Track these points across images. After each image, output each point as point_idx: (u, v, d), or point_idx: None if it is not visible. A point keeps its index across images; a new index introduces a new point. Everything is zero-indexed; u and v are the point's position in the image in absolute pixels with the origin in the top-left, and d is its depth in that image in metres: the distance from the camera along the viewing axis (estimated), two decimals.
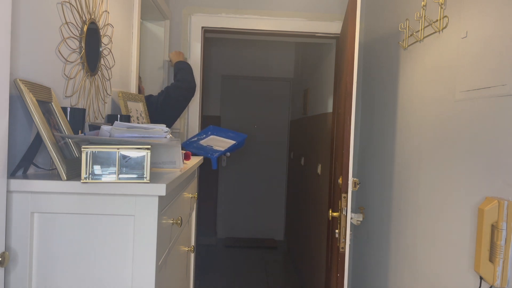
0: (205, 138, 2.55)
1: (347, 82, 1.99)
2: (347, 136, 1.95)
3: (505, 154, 1.25)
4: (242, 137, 2.49)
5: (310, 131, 4.07)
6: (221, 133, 2.55)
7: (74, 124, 1.33)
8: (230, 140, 2.50)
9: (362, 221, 2.06)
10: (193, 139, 2.55)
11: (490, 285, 1.26)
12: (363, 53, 2.84)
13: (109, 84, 1.83)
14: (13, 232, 1.09)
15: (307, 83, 4.40)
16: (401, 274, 2.03)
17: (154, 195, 1.13)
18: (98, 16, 1.65)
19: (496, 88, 1.30)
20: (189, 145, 2.50)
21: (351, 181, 1.92)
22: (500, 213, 1.21)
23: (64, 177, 1.11)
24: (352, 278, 2.86)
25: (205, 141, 2.53)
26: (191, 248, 1.89)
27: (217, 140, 2.53)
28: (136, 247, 1.13)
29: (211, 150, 2.42)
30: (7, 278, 1.09)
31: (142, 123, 2.03)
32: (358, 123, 2.81)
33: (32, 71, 1.23)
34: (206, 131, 2.58)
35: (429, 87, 1.81)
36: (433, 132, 1.74)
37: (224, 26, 2.92)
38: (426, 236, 1.77)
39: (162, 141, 1.25)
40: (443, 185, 1.63)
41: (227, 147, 2.42)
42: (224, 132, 2.55)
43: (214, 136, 2.56)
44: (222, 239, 5.62)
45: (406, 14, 2.07)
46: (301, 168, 4.48)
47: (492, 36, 1.35)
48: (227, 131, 2.55)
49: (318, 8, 2.91)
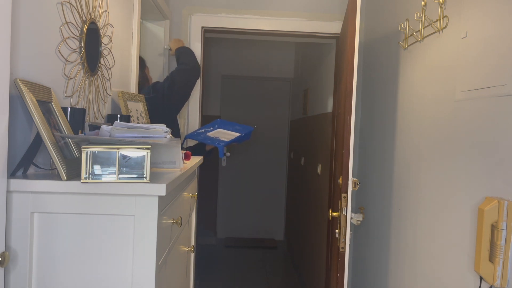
0: (212, 130, 2.59)
1: (347, 82, 1.99)
2: (347, 136, 1.95)
3: (505, 154, 1.25)
4: (249, 130, 2.55)
5: (310, 131, 4.07)
6: (228, 126, 2.58)
7: (74, 124, 1.33)
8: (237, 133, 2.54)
9: (362, 221, 2.06)
10: (200, 130, 2.58)
11: (490, 285, 1.26)
12: (363, 53, 2.84)
13: (109, 84, 1.83)
14: (13, 232, 1.09)
15: (307, 83, 4.40)
16: (401, 274, 2.03)
17: (154, 195, 1.13)
18: (98, 16, 1.65)
19: (496, 88, 1.30)
20: (196, 136, 2.54)
21: (351, 181, 1.92)
22: (500, 213, 1.21)
23: (64, 177, 1.11)
24: (352, 278, 2.86)
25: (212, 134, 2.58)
26: (191, 248, 1.89)
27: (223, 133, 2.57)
28: (136, 247, 1.13)
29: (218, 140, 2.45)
30: (7, 278, 1.09)
31: (142, 123, 2.03)
32: (358, 123, 2.81)
33: (32, 71, 1.23)
34: (213, 124, 2.61)
35: (429, 87, 1.81)
36: (433, 132, 1.74)
37: (224, 26, 2.92)
38: (426, 236, 1.76)
39: (162, 141, 1.25)
40: (443, 185, 1.63)
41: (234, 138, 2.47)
42: (231, 125, 2.59)
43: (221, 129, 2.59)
44: (222, 239, 5.62)
45: (406, 14, 2.07)
46: (301, 168, 4.47)
47: (492, 36, 1.35)
48: (234, 124, 2.59)
49: (318, 8, 2.91)
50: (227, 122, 2.63)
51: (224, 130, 2.60)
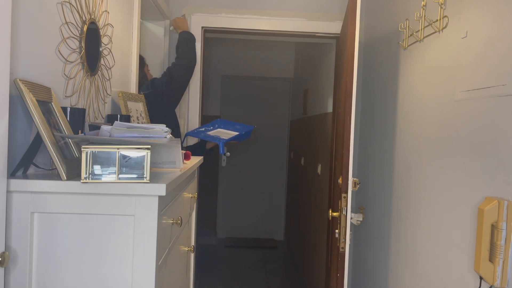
0: (212, 130, 2.61)
1: (347, 82, 1.99)
2: (347, 136, 1.95)
3: (505, 154, 1.25)
4: (249, 129, 2.57)
5: (310, 131, 4.07)
6: (228, 126, 2.61)
7: (74, 124, 1.33)
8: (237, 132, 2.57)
9: (362, 221, 2.06)
10: (200, 129, 2.61)
11: (490, 285, 1.26)
12: (363, 53, 2.84)
13: (109, 84, 1.83)
14: (13, 232, 1.09)
15: (307, 83, 4.40)
16: (401, 274, 2.03)
17: (154, 195, 1.13)
18: (98, 16, 1.65)
19: (496, 88, 1.30)
20: (197, 134, 2.58)
21: (351, 181, 1.92)
22: (500, 213, 1.21)
23: (64, 177, 1.11)
24: (352, 278, 2.86)
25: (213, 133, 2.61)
26: (191, 248, 1.89)
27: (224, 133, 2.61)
28: (136, 247, 1.13)
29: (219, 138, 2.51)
30: (7, 278, 1.09)
31: (142, 123, 2.03)
32: (358, 123, 2.81)
33: (32, 71, 1.23)
34: (214, 123, 2.65)
35: (429, 87, 1.81)
36: (433, 132, 1.74)
37: (224, 26, 2.92)
38: (426, 236, 1.76)
39: (162, 141, 1.25)
40: (443, 185, 1.63)
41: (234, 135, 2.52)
42: (231, 125, 2.61)
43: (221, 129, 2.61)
44: (222, 239, 5.62)
45: (406, 14, 2.07)
46: (301, 168, 4.48)
47: (492, 36, 1.35)
48: (234, 124, 2.63)
49: (318, 8, 2.91)
50: (227, 121, 2.65)
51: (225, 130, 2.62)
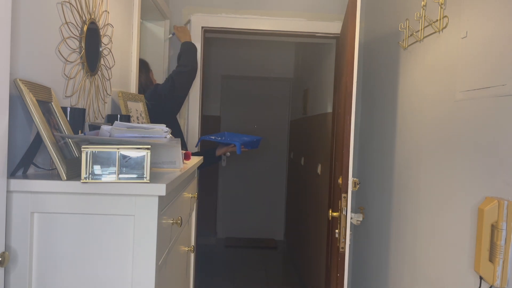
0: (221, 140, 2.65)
1: (347, 82, 1.99)
2: (347, 136, 1.95)
3: (505, 154, 1.25)
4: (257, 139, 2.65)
5: (310, 131, 4.07)
6: (236, 138, 2.65)
7: (74, 124, 1.33)
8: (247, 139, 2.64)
9: (362, 221, 2.06)
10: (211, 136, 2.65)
11: (490, 285, 1.26)
12: (363, 53, 2.84)
13: (109, 84, 1.83)
14: (13, 232, 1.09)
15: (307, 83, 4.40)
16: (401, 274, 2.03)
17: (154, 195, 1.13)
18: (98, 16, 1.65)
19: (496, 88, 1.30)
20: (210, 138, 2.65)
21: (351, 181, 1.92)
22: (500, 213, 1.21)
23: (64, 177, 1.11)
24: (352, 278, 2.86)
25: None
26: (191, 248, 1.89)
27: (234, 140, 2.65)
28: (136, 247, 1.13)
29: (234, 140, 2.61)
30: (7, 278, 1.09)
31: (142, 123, 2.03)
32: (358, 123, 2.81)
33: (32, 71, 1.23)
34: (221, 135, 2.67)
35: (429, 87, 1.81)
36: (433, 132, 1.74)
37: (224, 26, 2.92)
38: (426, 236, 1.76)
39: (162, 141, 1.25)
40: (443, 185, 1.63)
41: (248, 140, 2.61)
42: (239, 137, 2.65)
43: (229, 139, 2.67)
44: (222, 239, 5.62)
45: (406, 14, 2.07)
46: (301, 168, 4.47)
47: (492, 36, 1.35)
48: (241, 136, 2.66)
49: (318, 8, 2.91)
50: (234, 134, 2.71)
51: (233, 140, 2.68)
